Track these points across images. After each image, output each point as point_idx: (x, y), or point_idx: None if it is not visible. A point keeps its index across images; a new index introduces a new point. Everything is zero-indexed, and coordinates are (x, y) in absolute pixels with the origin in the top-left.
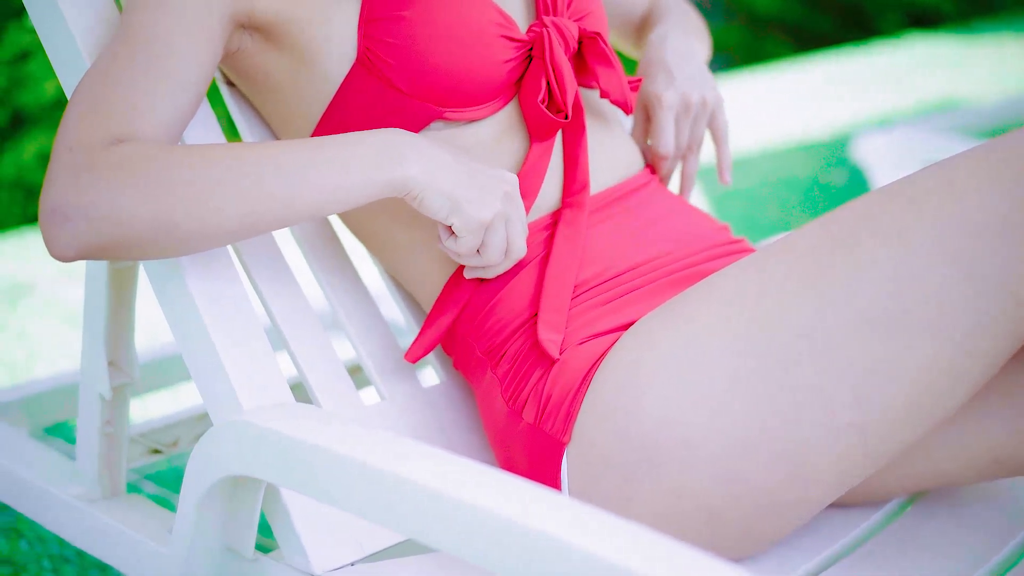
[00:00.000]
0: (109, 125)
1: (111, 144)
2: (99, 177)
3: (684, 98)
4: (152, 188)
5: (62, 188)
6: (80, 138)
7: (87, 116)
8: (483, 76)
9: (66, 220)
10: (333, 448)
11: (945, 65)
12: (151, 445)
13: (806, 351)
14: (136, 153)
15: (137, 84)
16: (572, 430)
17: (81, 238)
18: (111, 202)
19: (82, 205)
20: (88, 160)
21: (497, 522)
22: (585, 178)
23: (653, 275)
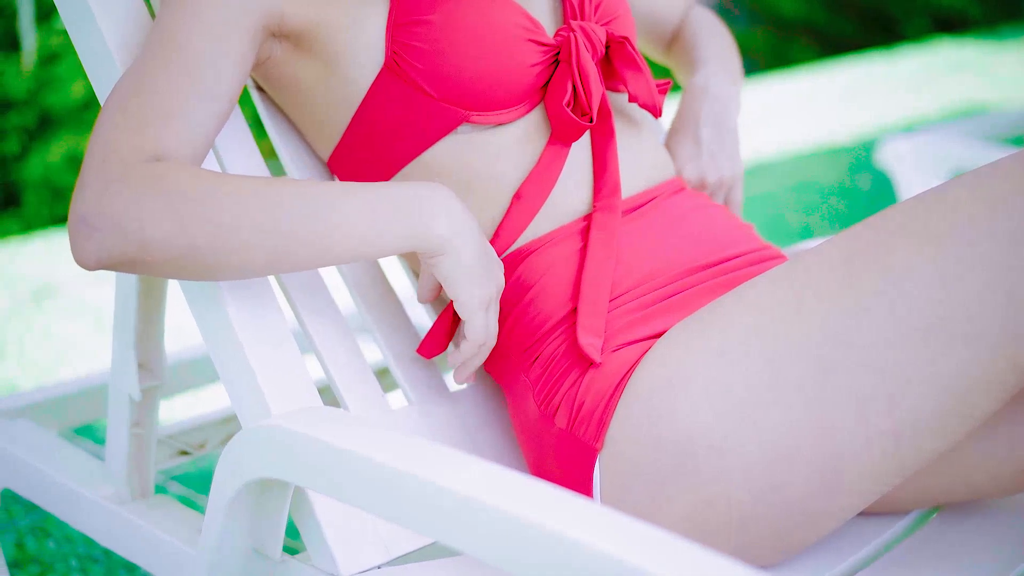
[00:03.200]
0: (143, 136)
1: (145, 159)
2: (130, 193)
3: (702, 175)
4: (180, 215)
5: (92, 198)
6: (114, 149)
7: (121, 126)
8: (510, 79)
9: (93, 230)
10: (361, 452)
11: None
12: (179, 447)
13: (841, 358)
14: (170, 175)
15: (171, 93)
16: (605, 436)
17: (105, 250)
18: (139, 220)
19: (110, 218)
20: (121, 173)
21: (525, 527)
22: (616, 181)
23: (686, 283)
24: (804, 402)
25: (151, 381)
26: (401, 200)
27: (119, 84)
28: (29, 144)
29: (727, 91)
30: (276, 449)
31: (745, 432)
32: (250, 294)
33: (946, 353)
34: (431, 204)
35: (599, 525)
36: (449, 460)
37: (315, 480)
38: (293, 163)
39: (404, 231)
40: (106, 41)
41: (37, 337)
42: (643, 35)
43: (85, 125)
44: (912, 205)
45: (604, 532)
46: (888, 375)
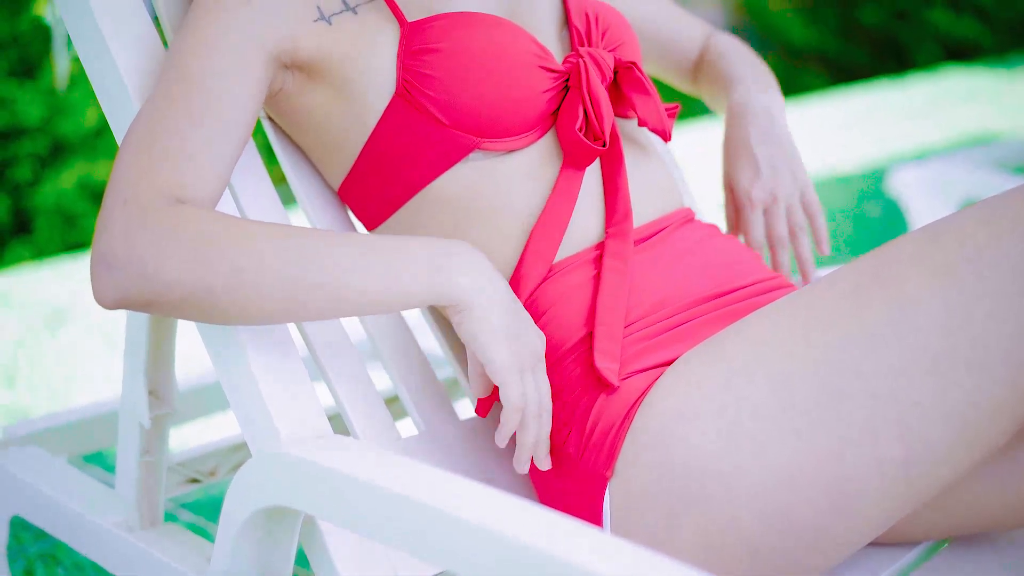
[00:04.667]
0: (163, 176)
1: (166, 201)
2: (149, 236)
3: (771, 192)
4: (199, 260)
5: (113, 239)
6: (134, 190)
7: (140, 166)
8: (521, 105)
9: (111, 270)
10: (371, 480)
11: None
12: (189, 474)
13: (850, 387)
14: (190, 220)
15: (189, 131)
16: (615, 464)
17: (122, 290)
18: (157, 264)
19: (129, 260)
20: (141, 216)
21: (536, 556)
22: (627, 207)
23: (696, 312)
24: (813, 430)
25: (162, 409)
26: (425, 254)
27: (136, 122)
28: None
29: (769, 102)
30: (286, 477)
31: (755, 460)
32: None
33: (955, 382)
34: (457, 260)
35: (612, 555)
36: (460, 489)
37: (325, 508)
38: (304, 191)
39: (427, 285)
40: (119, 69)
41: (49, 363)
42: (667, 67)
43: (98, 152)
44: (920, 236)
45: (616, 562)
46: (897, 404)
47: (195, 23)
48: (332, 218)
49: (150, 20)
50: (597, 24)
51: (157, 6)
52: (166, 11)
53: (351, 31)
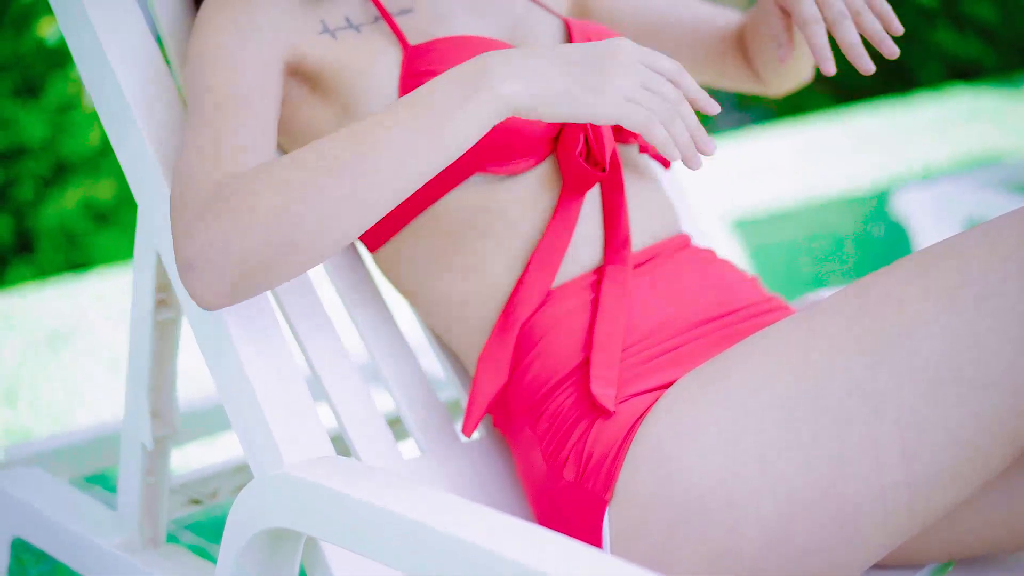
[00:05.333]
0: (213, 176)
1: (212, 190)
2: (205, 225)
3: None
4: (264, 217)
5: (183, 244)
6: (187, 198)
7: (193, 174)
8: (523, 130)
9: (193, 270)
10: (374, 502)
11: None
12: (191, 495)
13: (855, 409)
14: (235, 190)
15: (230, 137)
16: (614, 488)
17: (211, 285)
18: (223, 243)
19: (201, 254)
20: (199, 213)
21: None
22: (626, 234)
23: (693, 335)
24: (816, 453)
25: (164, 430)
26: (458, 92)
27: (182, 152)
28: (44, 191)
29: None
30: (288, 499)
31: (756, 483)
32: (263, 342)
33: (960, 404)
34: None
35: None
36: (462, 511)
37: (327, 530)
38: None
39: (480, 118)
40: (121, 88)
41: (51, 383)
42: (704, 50)
43: (101, 172)
44: (925, 257)
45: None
46: (901, 426)
47: (208, 43)
48: None
49: (152, 39)
50: None
51: (159, 25)
52: (168, 30)
53: (355, 48)
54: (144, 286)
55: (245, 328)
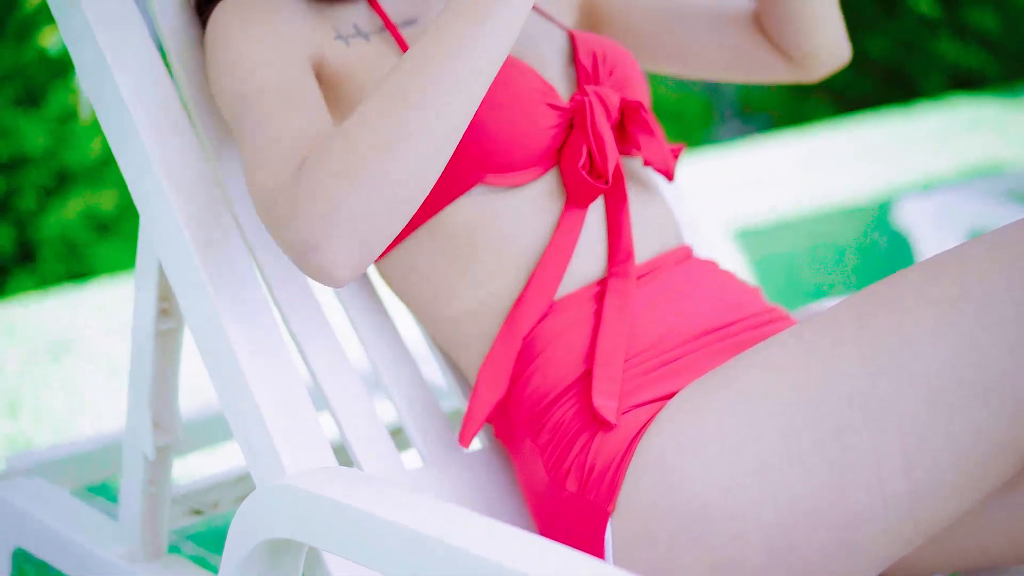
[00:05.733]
0: (290, 165)
1: (297, 175)
2: (310, 201)
3: None
4: (352, 173)
5: (293, 231)
6: (275, 193)
7: (270, 176)
8: (526, 141)
9: (317, 249)
10: (376, 512)
11: (989, 128)
12: (193, 506)
13: (857, 420)
14: (315, 164)
15: (286, 128)
16: (617, 499)
17: (340, 253)
18: (336, 208)
19: (319, 229)
20: (292, 198)
21: None
22: (629, 246)
23: (695, 345)
24: (819, 464)
25: (165, 439)
26: None
27: (246, 162)
28: (46, 201)
29: None
30: (290, 509)
31: (759, 494)
32: (265, 351)
33: (962, 415)
34: None
35: None
36: (464, 521)
37: (329, 541)
38: None
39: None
40: (123, 98)
41: (53, 392)
42: (727, 30)
43: (103, 183)
44: (927, 266)
45: None
46: (904, 437)
47: (233, 52)
48: None
49: (155, 48)
50: (604, 62)
51: (162, 34)
52: (171, 39)
53: (365, 57)
54: (146, 296)
55: (247, 337)
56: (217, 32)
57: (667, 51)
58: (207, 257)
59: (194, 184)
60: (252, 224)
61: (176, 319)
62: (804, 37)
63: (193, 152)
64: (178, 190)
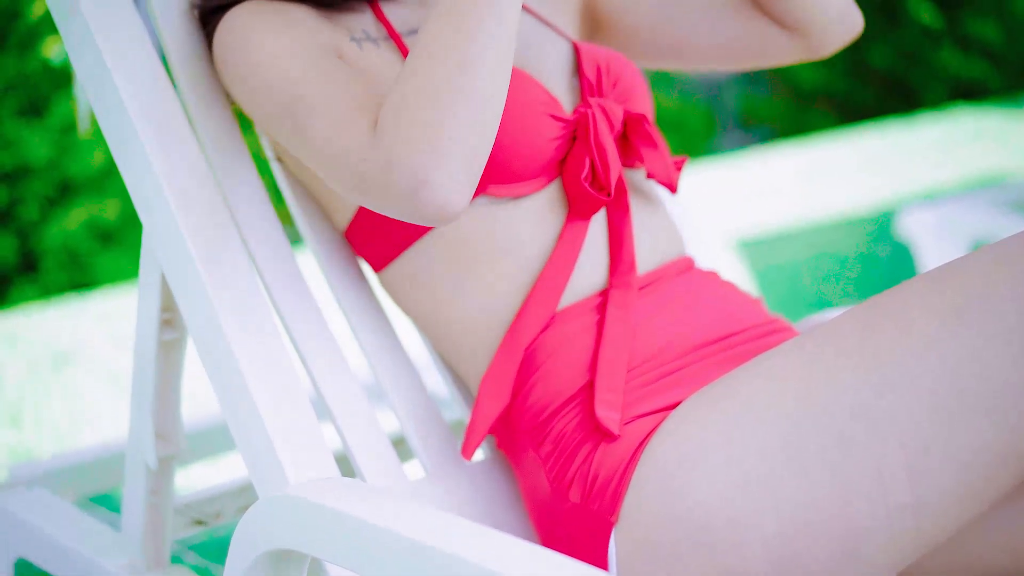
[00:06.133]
0: (363, 131)
1: (374, 134)
2: (403, 147)
3: None
4: (437, 105)
5: (395, 179)
6: (360, 158)
7: (350, 147)
8: (529, 152)
9: (426, 185)
10: (378, 523)
11: (991, 139)
12: (195, 516)
13: (861, 431)
14: (391, 115)
15: (343, 103)
16: (620, 509)
17: (448, 182)
18: (432, 143)
19: (421, 166)
20: (382, 154)
21: None
22: (631, 258)
23: (697, 355)
24: (823, 474)
25: (168, 450)
26: None
27: (316, 147)
28: (49, 210)
29: None
30: (293, 519)
31: (763, 504)
32: (267, 362)
33: (966, 426)
34: None
35: None
36: (467, 532)
37: (332, 551)
38: (312, 233)
39: None
40: (126, 108)
41: (55, 403)
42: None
43: (105, 193)
44: (932, 277)
45: None
46: (908, 448)
47: (260, 54)
48: (340, 259)
49: (158, 59)
50: (608, 74)
51: (165, 45)
52: (174, 49)
53: (376, 60)
54: (149, 306)
55: (249, 348)
56: (235, 38)
57: (670, 44)
58: (210, 268)
59: (197, 194)
60: (255, 234)
61: (179, 329)
62: (807, 6)
63: (196, 162)
64: (181, 200)
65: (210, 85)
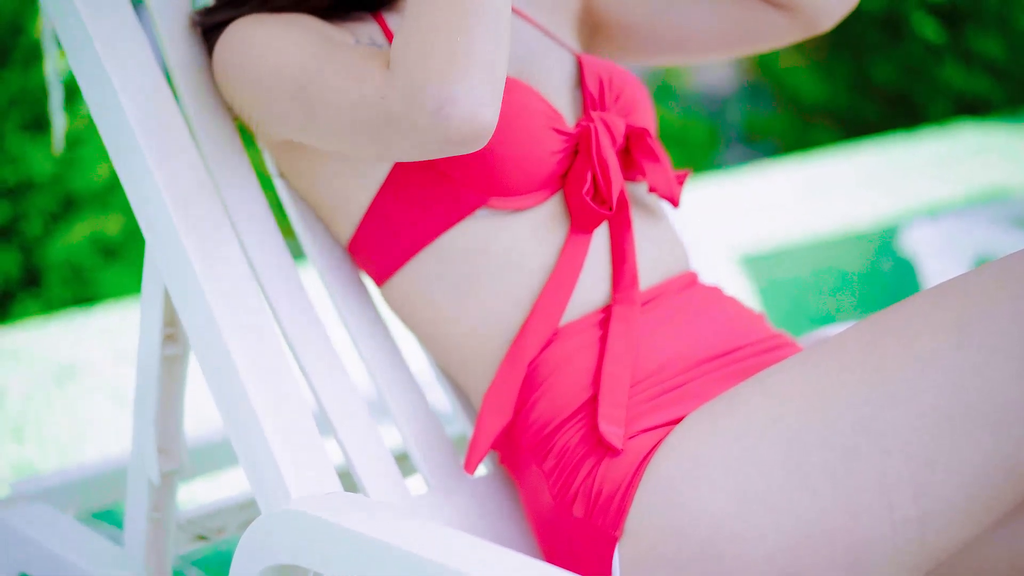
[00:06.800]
0: (376, 71)
1: (388, 70)
2: (415, 69)
3: None
4: (438, 26)
5: (415, 109)
6: (378, 94)
7: (363, 91)
8: (531, 165)
9: (453, 102)
10: (381, 538)
11: (994, 154)
12: (197, 531)
13: (865, 445)
14: (399, 43)
15: (353, 58)
16: (624, 524)
17: (472, 94)
18: (442, 62)
19: (438, 89)
20: (398, 82)
21: None
22: (634, 273)
23: (701, 370)
24: (827, 488)
25: (171, 465)
26: None
27: (334, 109)
28: (52, 225)
29: None
30: (296, 535)
31: (767, 518)
32: (270, 377)
33: (971, 440)
34: None
35: None
36: (470, 548)
37: (335, 566)
38: (314, 247)
39: None
40: (130, 123)
41: (57, 418)
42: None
43: (108, 207)
44: (936, 293)
45: None
46: (913, 462)
47: (265, 50)
48: (342, 274)
49: (161, 73)
50: (611, 87)
51: (168, 60)
52: (177, 64)
53: None
54: (152, 321)
55: (252, 363)
56: (236, 41)
57: (669, 37)
58: (212, 283)
59: (199, 210)
60: (258, 250)
61: (182, 345)
62: None
63: (199, 178)
64: (183, 216)
65: (213, 99)
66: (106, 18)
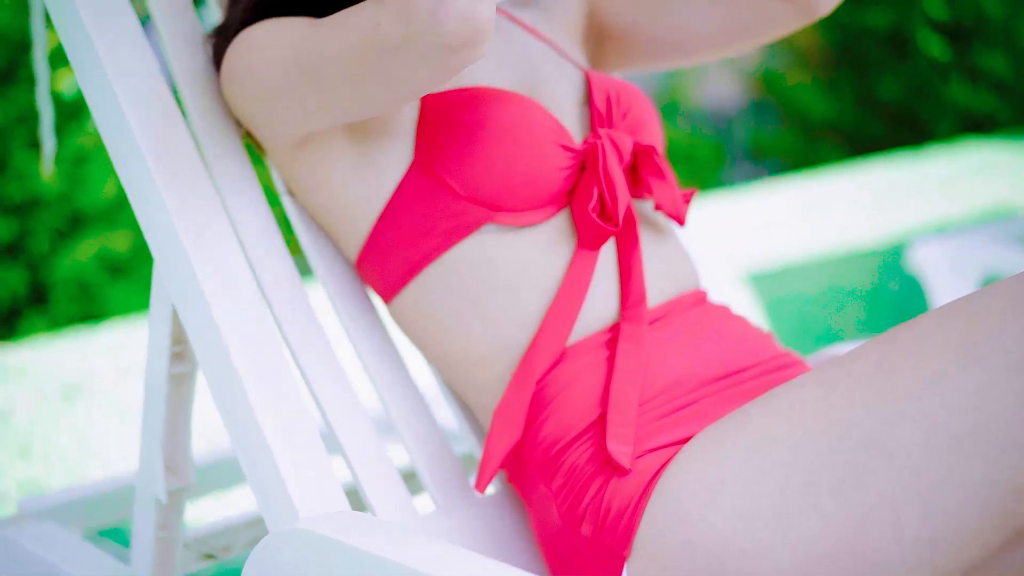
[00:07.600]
0: (368, 12)
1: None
2: None
3: None
4: None
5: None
6: (373, 22)
7: (361, 33)
8: (537, 182)
9: (439, 6)
10: (389, 557)
11: (1001, 172)
12: (204, 550)
13: (875, 464)
14: None
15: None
16: (632, 543)
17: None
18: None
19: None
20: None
21: None
22: (641, 290)
23: (710, 389)
24: (837, 507)
25: (178, 483)
26: None
27: (334, 53)
28: (59, 243)
29: None
30: (303, 554)
31: (777, 538)
32: (277, 395)
33: (981, 460)
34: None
35: None
36: (480, 568)
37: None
38: (322, 264)
39: None
40: (137, 140)
41: (65, 436)
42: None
43: (115, 224)
44: (944, 313)
45: None
46: (923, 482)
47: (262, 46)
48: (350, 291)
49: (169, 90)
50: (619, 104)
51: (175, 76)
52: (184, 80)
53: None
54: (159, 339)
55: (260, 381)
56: (240, 41)
57: (671, 37)
58: (220, 301)
59: (207, 228)
60: (265, 267)
61: (189, 363)
62: None
63: (206, 195)
64: (191, 234)
65: (220, 116)
66: (113, 35)
